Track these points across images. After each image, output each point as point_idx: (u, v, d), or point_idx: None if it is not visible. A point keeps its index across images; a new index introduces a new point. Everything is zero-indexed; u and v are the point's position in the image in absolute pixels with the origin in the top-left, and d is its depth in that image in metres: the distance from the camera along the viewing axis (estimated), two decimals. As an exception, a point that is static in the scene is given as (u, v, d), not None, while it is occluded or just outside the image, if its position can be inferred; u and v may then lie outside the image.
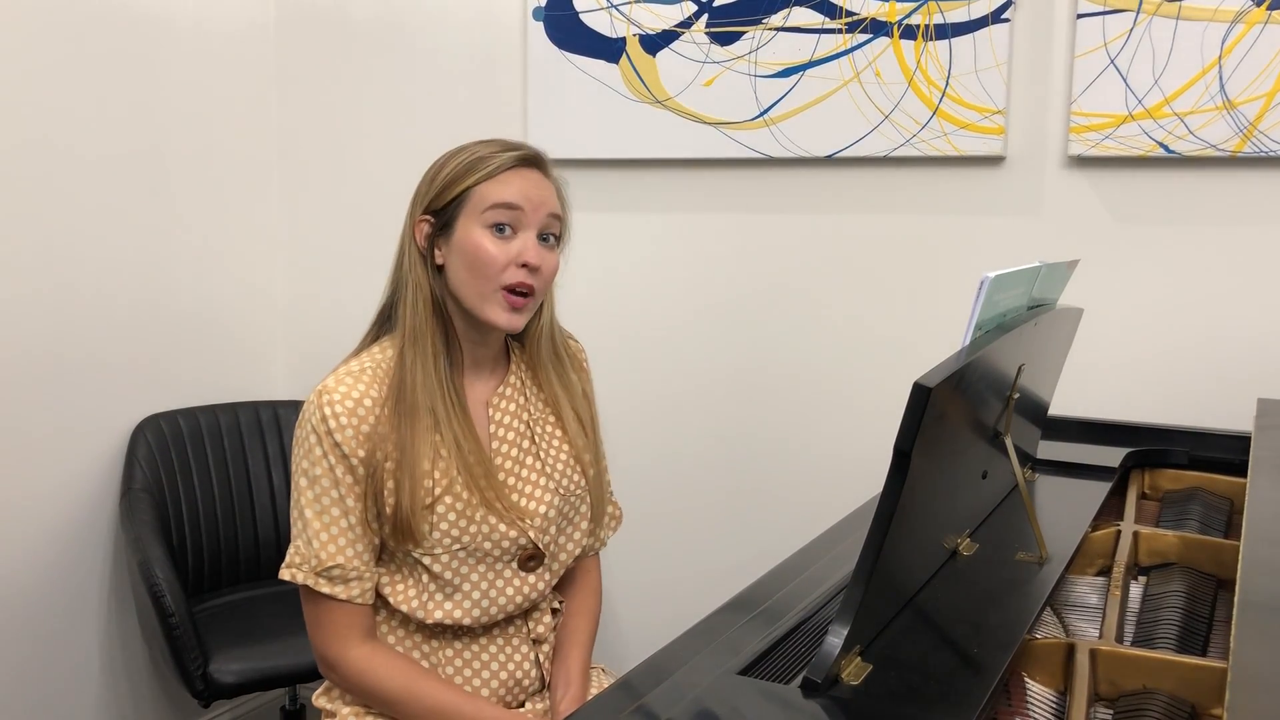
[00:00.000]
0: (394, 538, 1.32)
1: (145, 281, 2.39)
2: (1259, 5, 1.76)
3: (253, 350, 2.66)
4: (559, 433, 1.45)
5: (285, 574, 1.32)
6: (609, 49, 2.24)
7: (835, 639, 0.91)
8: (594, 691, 1.51)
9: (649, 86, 2.21)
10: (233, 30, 2.55)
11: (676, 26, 2.18)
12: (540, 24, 2.30)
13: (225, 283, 2.58)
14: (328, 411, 1.28)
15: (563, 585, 1.55)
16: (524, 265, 1.31)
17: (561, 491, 1.42)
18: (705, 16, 2.15)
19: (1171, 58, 1.82)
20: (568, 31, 2.27)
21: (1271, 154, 1.78)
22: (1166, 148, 1.84)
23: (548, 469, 1.42)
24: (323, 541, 1.30)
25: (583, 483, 1.45)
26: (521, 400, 1.43)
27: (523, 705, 1.46)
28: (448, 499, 1.32)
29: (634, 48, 2.22)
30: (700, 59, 2.16)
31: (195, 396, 2.51)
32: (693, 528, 2.33)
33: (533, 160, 1.36)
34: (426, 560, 1.33)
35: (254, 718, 2.68)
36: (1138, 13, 1.83)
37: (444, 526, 1.33)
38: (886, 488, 0.89)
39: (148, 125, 2.37)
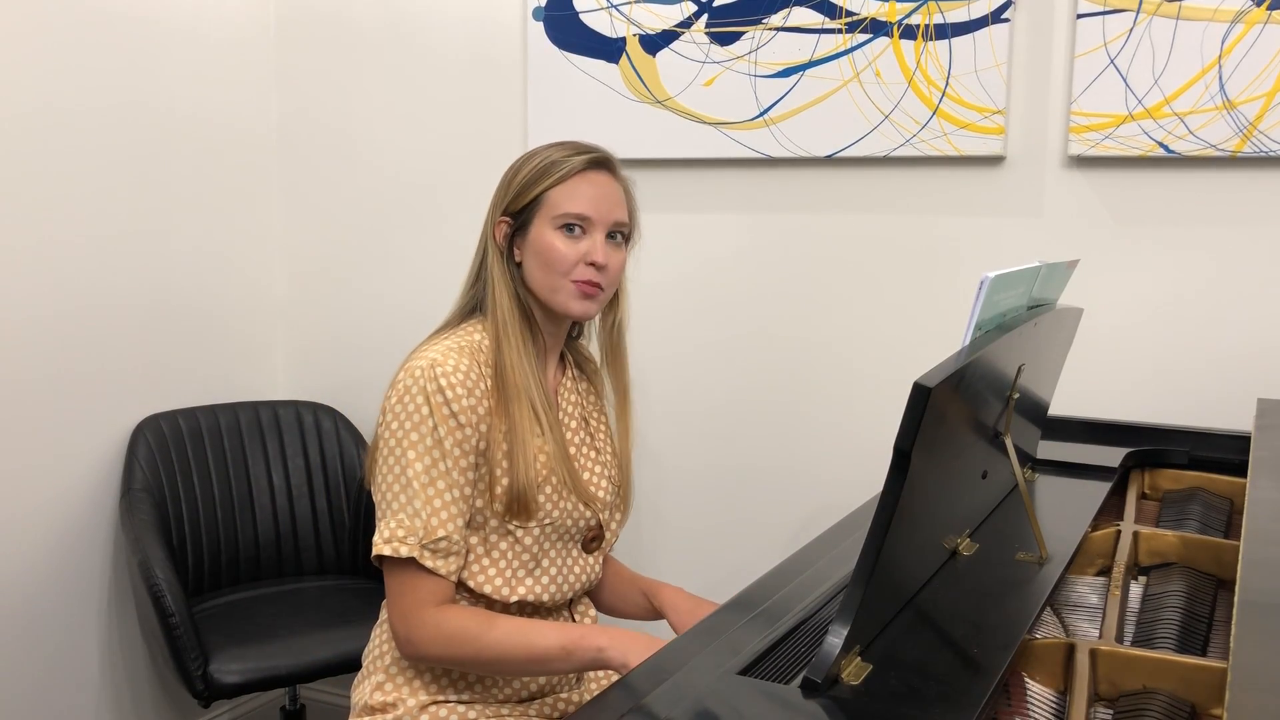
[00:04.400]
0: (507, 513, 1.37)
1: (145, 281, 2.39)
2: (1259, 5, 1.76)
3: (253, 350, 2.66)
4: (604, 426, 1.55)
5: (386, 549, 1.31)
6: (609, 49, 2.24)
7: (835, 639, 0.91)
8: (593, 691, 1.53)
9: (649, 86, 2.21)
10: (233, 30, 2.55)
11: (676, 26, 2.18)
12: (540, 24, 2.30)
13: (225, 283, 2.58)
14: (443, 382, 1.32)
15: (603, 583, 1.62)
16: (591, 264, 1.40)
17: (611, 479, 1.52)
18: (705, 16, 2.15)
19: (1171, 58, 1.82)
20: (568, 31, 2.27)
21: (1271, 154, 1.78)
22: (1166, 148, 1.84)
23: (601, 457, 1.52)
24: (433, 510, 1.32)
25: (620, 474, 1.54)
26: (579, 393, 1.53)
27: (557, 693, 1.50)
28: (542, 470, 1.40)
29: (634, 48, 2.22)
30: (700, 59, 2.16)
31: (195, 396, 2.51)
32: (693, 527, 2.33)
33: (602, 163, 1.44)
34: (519, 533, 1.39)
35: (254, 718, 2.69)
36: (1138, 13, 1.83)
37: (540, 499, 1.40)
38: (886, 488, 0.89)
39: (147, 125, 2.37)
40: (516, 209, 1.42)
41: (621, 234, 1.45)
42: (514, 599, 1.41)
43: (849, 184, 2.11)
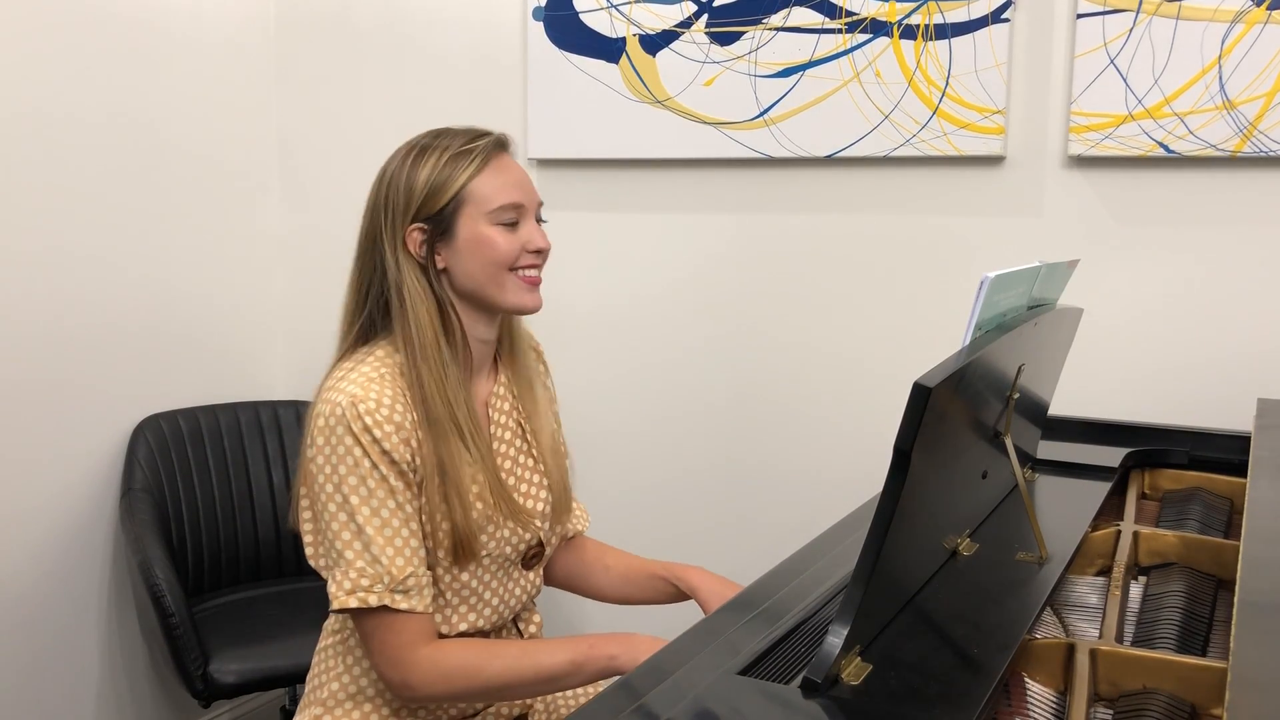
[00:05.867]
0: (450, 557, 1.30)
1: (145, 282, 2.39)
2: (1259, 5, 1.76)
3: (253, 350, 2.66)
4: (544, 426, 1.46)
5: (350, 601, 1.23)
6: (609, 49, 2.24)
7: (835, 639, 0.91)
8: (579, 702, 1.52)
9: (649, 86, 2.21)
10: (232, 30, 2.55)
11: (676, 26, 2.18)
12: (540, 24, 2.30)
13: (225, 283, 2.58)
14: (368, 421, 1.23)
15: (575, 566, 1.57)
16: (535, 251, 1.34)
17: (552, 486, 1.44)
18: (705, 16, 2.15)
19: (1171, 58, 1.82)
20: (568, 31, 2.27)
21: (1271, 154, 1.78)
22: (1166, 148, 1.84)
23: (540, 465, 1.43)
24: (391, 555, 1.24)
25: (562, 477, 1.46)
26: (511, 399, 1.43)
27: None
28: (480, 506, 1.32)
29: (634, 48, 2.22)
30: (700, 59, 2.16)
31: (195, 396, 2.51)
32: (693, 527, 2.33)
33: (505, 143, 1.38)
34: (456, 569, 1.33)
35: (254, 718, 2.69)
36: (1138, 13, 1.83)
37: (483, 539, 1.33)
38: (886, 488, 0.89)
39: (147, 125, 2.37)
40: (433, 211, 1.31)
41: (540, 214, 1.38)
42: (454, 634, 1.35)
43: (849, 184, 2.11)
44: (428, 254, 1.32)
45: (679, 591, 1.49)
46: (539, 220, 1.37)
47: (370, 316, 1.35)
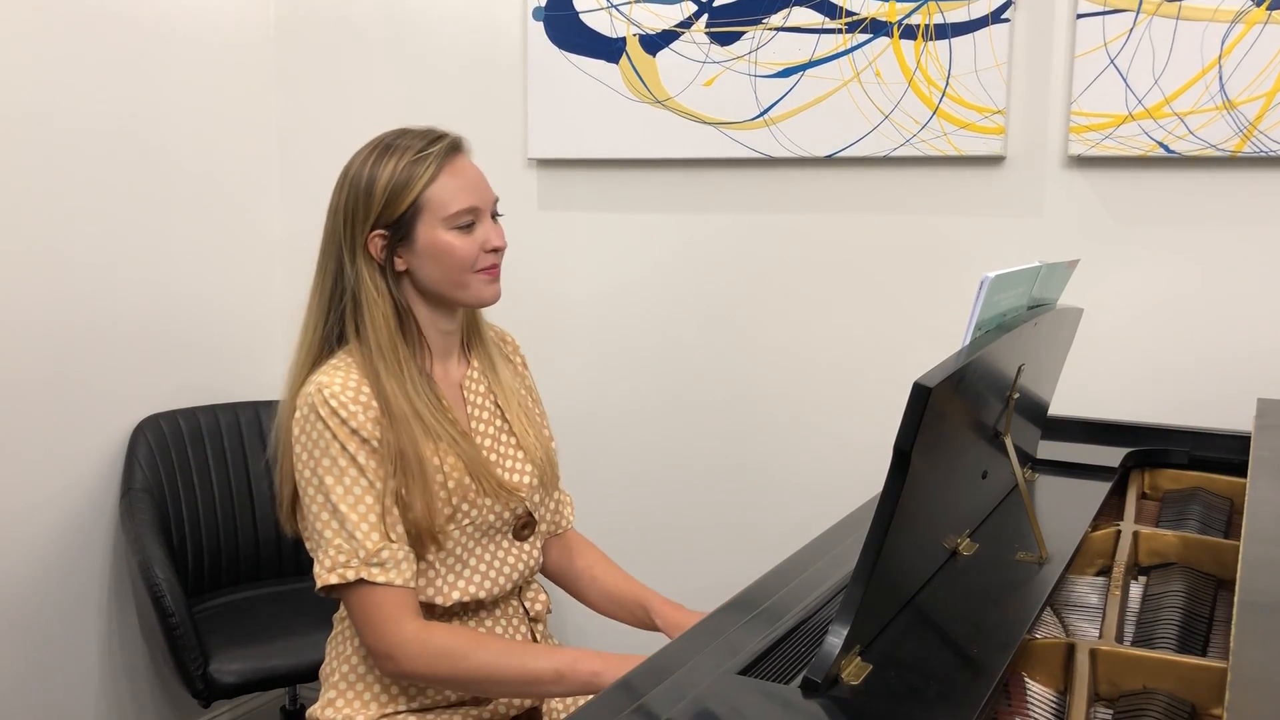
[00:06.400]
0: (414, 546, 1.34)
1: (145, 282, 2.39)
2: (1259, 5, 1.76)
3: (253, 350, 2.66)
4: (519, 403, 1.51)
5: (331, 578, 1.29)
6: (609, 49, 2.24)
7: (835, 639, 0.91)
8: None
9: (649, 86, 2.21)
10: (232, 30, 2.55)
11: (676, 26, 2.18)
12: (540, 24, 2.30)
13: (225, 283, 2.58)
14: (334, 404, 1.30)
15: (565, 567, 1.60)
16: (493, 250, 1.39)
17: (536, 461, 1.48)
18: (705, 16, 2.15)
19: (1171, 58, 1.82)
20: (568, 31, 2.27)
21: (1271, 154, 1.78)
22: (1166, 148, 1.84)
23: (524, 441, 1.48)
24: (366, 531, 1.30)
25: (546, 453, 1.51)
26: (487, 382, 1.49)
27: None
28: (451, 484, 1.36)
29: (634, 48, 2.22)
30: (700, 59, 2.16)
31: (195, 396, 2.51)
32: (693, 527, 2.33)
33: (459, 146, 1.40)
34: (439, 537, 1.37)
35: (254, 718, 2.69)
36: (1138, 13, 1.83)
37: (464, 507, 1.38)
38: (886, 488, 0.89)
39: (148, 125, 2.37)
40: (393, 218, 1.35)
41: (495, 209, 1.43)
42: (449, 603, 1.39)
43: (849, 184, 2.11)
44: (388, 258, 1.37)
45: (656, 624, 1.51)
46: (495, 215, 1.41)
47: (336, 322, 1.39)
